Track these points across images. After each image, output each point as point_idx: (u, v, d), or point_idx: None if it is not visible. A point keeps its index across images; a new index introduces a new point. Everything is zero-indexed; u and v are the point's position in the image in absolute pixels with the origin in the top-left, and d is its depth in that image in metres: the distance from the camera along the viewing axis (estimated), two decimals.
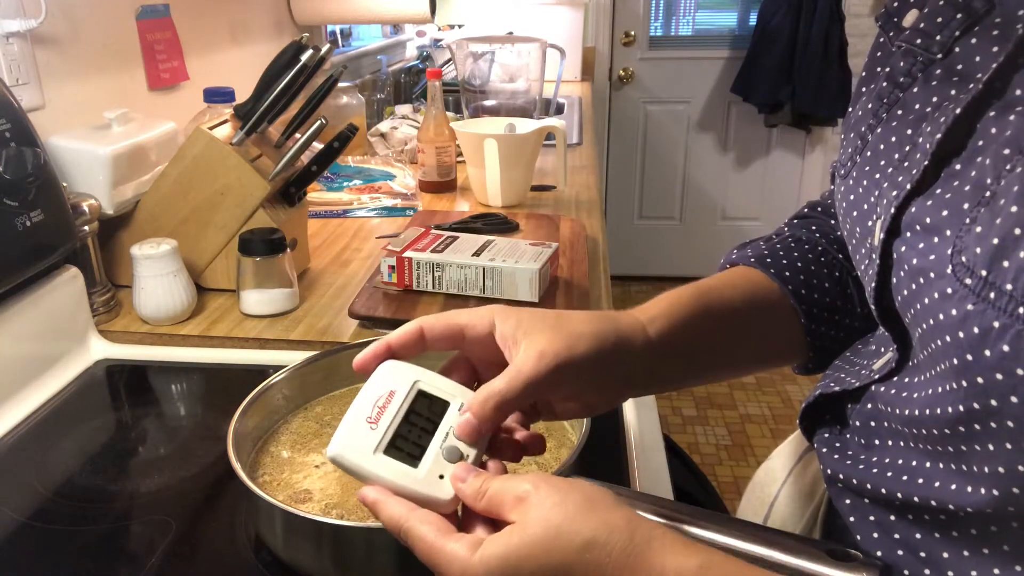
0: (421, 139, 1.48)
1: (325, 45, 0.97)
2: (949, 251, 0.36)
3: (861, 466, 0.45)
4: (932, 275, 0.37)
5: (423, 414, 0.46)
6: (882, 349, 0.48)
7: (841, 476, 0.46)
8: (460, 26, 2.93)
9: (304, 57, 0.93)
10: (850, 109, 0.51)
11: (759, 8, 3.13)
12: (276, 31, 1.69)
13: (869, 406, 0.46)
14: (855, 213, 0.47)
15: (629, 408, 0.74)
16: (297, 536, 0.53)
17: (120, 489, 0.65)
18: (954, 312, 0.34)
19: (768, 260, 0.58)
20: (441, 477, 0.43)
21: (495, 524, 0.41)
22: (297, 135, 1.00)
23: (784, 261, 0.58)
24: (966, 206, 0.36)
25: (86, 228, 0.90)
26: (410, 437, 0.44)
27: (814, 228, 0.61)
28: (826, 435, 0.50)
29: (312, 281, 1.06)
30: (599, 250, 1.19)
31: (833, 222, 0.62)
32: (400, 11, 1.79)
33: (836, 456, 0.48)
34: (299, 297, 0.98)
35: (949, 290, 0.35)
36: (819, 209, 0.64)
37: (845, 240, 0.51)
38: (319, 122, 0.97)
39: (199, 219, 0.97)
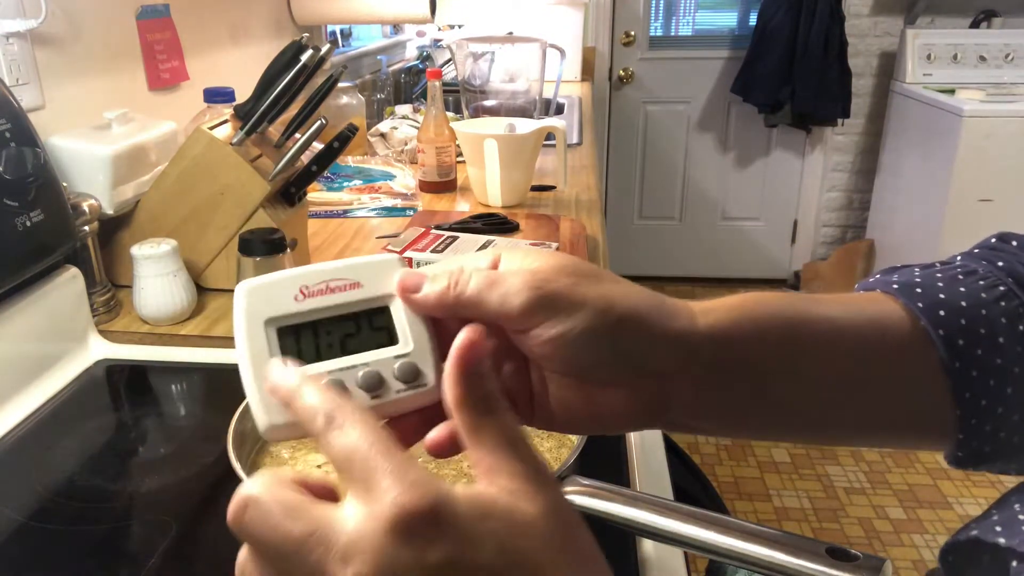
0: (421, 139, 1.48)
1: (325, 45, 0.97)
2: None
3: None
4: None
5: (355, 333, 0.35)
6: None
7: None
8: (460, 26, 2.93)
9: (304, 57, 0.93)
10: None
11: (759, 8, 3.13)
12: (276, 31, 1.69)
13: None
14: None
15: None
16: None
17: (120, 489, 0.65)
18: None
19: (919, 291, 0.41)
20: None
21: None
22: (297, 135, 1.00)
23: (942, 296, 0.40)
24: None
25: (86, 228, 0.90)
26: (319, 340, 0.34)
27: (1001, 264, 0.43)
28: None
29: None
30: (599, 250, 1.19)
31: None
32: (400, 11, 1.79)
33: None
34: None
35: None
36: (1014, 243, 0.46)
37: None
38: (319, 122, 0.97)
39: (199, 219, 0.97)
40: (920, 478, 2.23)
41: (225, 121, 0.98)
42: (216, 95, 1.10)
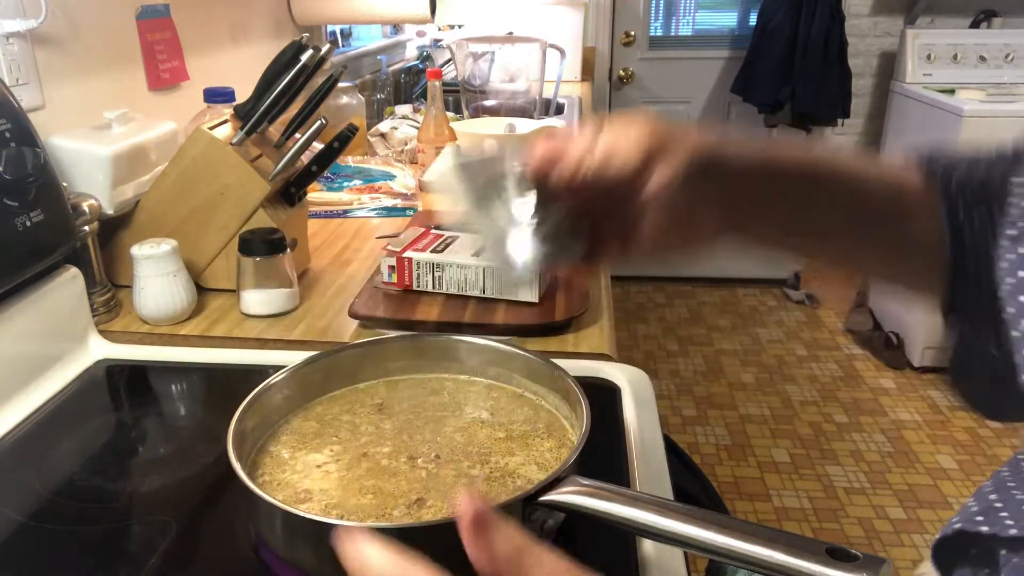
0: (421, 139, 1.48)
1: (325, 45, 0.97)
2: None
3: None
4: None
5: (529, 198, 0.46)
6: None
7: None
8: (460, 26, 2.93)
9: (304, 57, 0.93)
10: None
11: (759, 8, 3.13)
12: (276, 31, 1.69)
13: None
14: None
15: (629, 408, 0.74)
16: (297, 536, 0.53)
17: (120, 489, 0.65)
18: None
19: (941, 163, 0.51)
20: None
21: None
22: (297, 135, 1.00)
23: (958, 170, 0.50)
24: None
25: (86, 228, 0.90)
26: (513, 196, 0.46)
27: None
28: None
29: (312, 281, 1.06)
30: None
31: None
32: (400, 11, 1.79)
33: None
34: (299, 297, 0.98)
35: None
36: None
37: None
38: (319, 122, 0.97)
39: (199, 219, 0.97)
40: (920, 478, 2.23)
41: (225, 121, 0.98)
42: (216, 95, 1.10)
